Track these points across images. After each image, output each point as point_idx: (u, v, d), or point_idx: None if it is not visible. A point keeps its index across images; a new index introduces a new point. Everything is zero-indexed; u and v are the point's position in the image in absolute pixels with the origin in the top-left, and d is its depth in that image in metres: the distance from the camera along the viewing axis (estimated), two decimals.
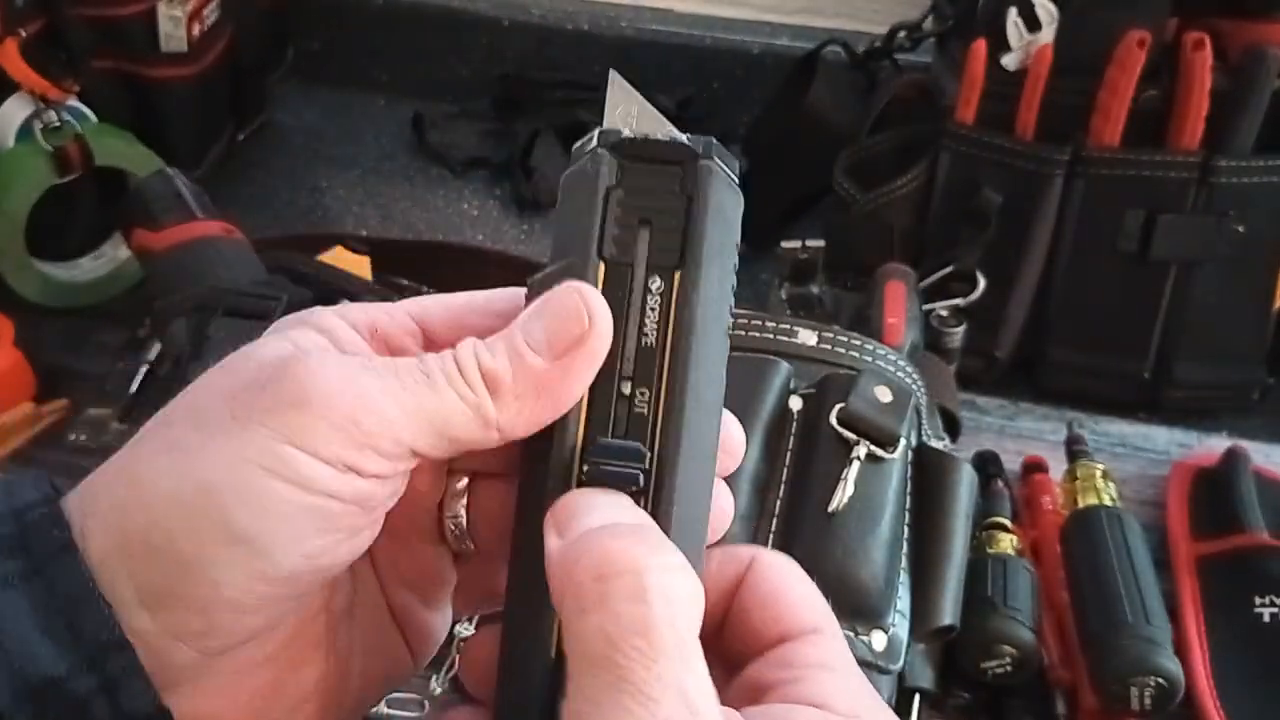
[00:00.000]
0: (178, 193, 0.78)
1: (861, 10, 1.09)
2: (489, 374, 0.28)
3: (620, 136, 0.30)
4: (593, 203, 0.29)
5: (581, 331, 0.28)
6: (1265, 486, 0.71)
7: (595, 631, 0.25)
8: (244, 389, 0.28)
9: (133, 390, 0.77)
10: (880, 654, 0.54)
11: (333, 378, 0.27)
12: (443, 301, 0.32)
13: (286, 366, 0.28)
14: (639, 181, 0.30)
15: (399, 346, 0.31)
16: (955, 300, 0.81)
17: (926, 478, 0.61)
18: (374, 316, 0.31)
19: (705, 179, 0.29)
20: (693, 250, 0.29)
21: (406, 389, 0.28)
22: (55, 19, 0.85)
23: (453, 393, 0.28)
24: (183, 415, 0.28)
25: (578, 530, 0.27)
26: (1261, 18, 0.77)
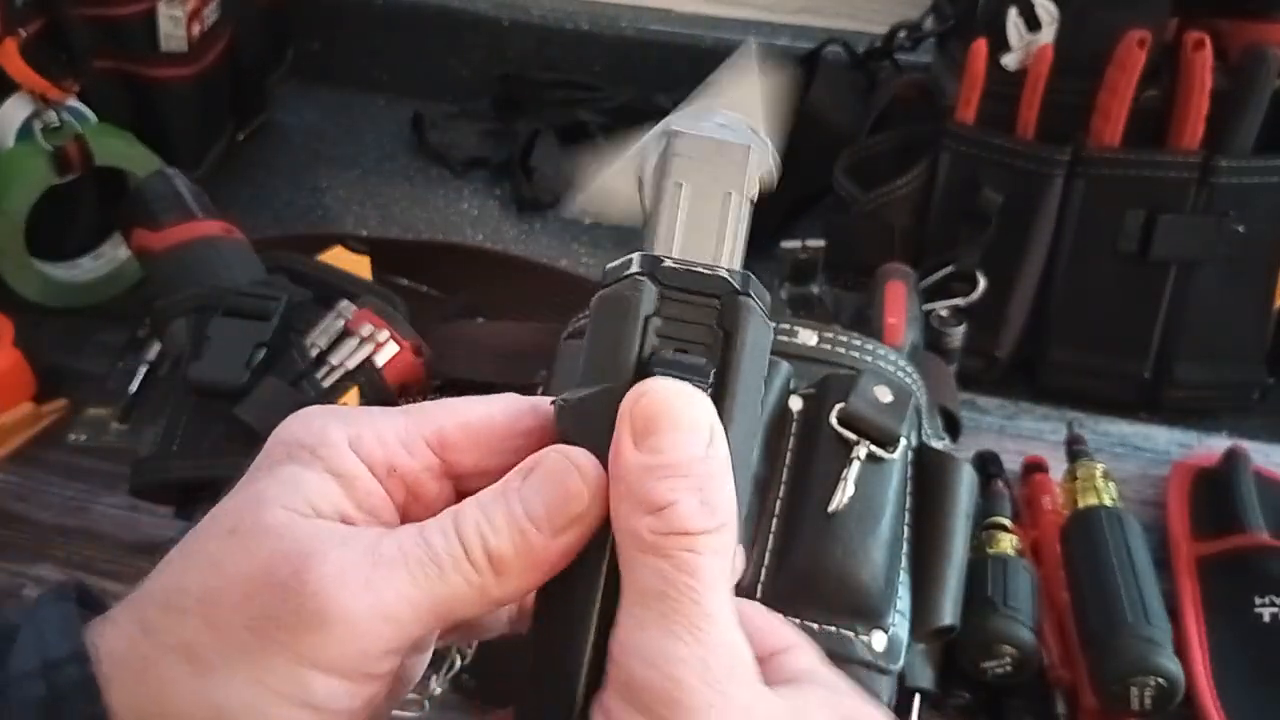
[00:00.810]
0: (178, 193, 0.78)
1: (861, 10, 1.09)
2: (494, 555, 0.29)
3: (661, 265, 0.30)
4: (631, 330, 0.29)
5: (581, 510, 0.29)
6: (1265, 486, 0.71)
7: (651, 568, 0.28)
8: (259, 589, 0.28)
9: (133, 390, 0.78)
10: (880, 654, 0.54)
11: (349, 590, 0.27)
12: (463, 423, 0.32)
13: (302, 572, 0.27)
14: (677, 311, 0.30)
15: (415, 484, 0.31)
16: (955, 300, 0.81)
17: (927, 478, 0.61)
18: (392, 456, 0.31)
19: (744, 316, 0.30)
20: (729, 387, 0.29)
21: (417, 584, 0.28)
22: (55, 19, 0.85)
23: (460, 579, 0.29)
24: (197, 606, 0.28)
25: (650, 451, 0.28)
26: (1261, 18, 0.77)
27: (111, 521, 0.71)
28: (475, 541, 0.29)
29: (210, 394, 0.67)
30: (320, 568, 0.27)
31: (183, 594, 0.28)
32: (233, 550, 0.28)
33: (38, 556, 0.69)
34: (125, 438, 0.76)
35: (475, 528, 0.29)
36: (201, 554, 0.29)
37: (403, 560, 0.28)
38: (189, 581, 0.28)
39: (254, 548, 0.28)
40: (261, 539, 0.28)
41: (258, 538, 0.28)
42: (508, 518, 0.29)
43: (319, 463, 0.30)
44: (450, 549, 0.29)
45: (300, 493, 0.29)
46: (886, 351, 0.64)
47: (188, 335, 0.70)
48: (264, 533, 0.28)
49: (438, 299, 0.88)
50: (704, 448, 0.28)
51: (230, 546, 0.28)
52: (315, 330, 0.71)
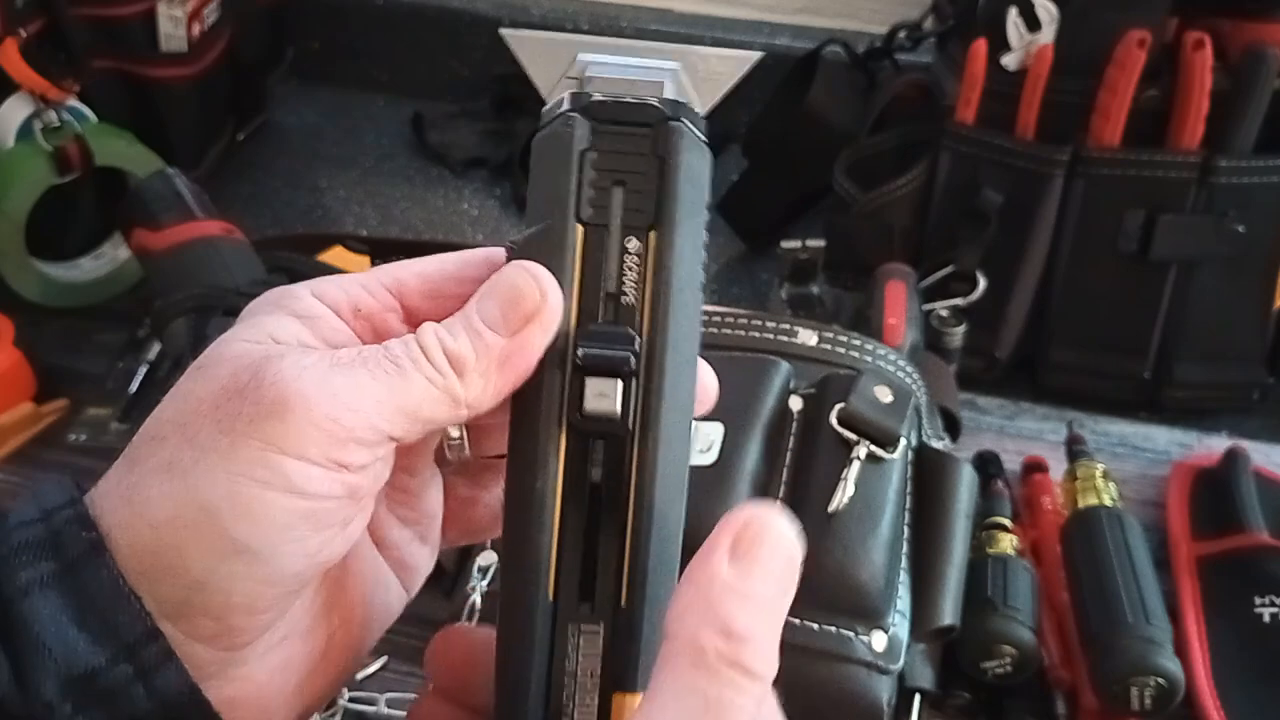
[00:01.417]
0: (178, 193, 0.78)
1: (861, 10, 1.09)
2: (453, 355, 0.30)
3: (591, 99, 0.30)
4: (568, 166, 0.30)
5: (535, 306, 0.30)
6: (1265, 486, 0.71)
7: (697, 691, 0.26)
8: (225, 397, 0.29)
9: (133, 390, 0.78)
10: (880, 654, 0.54)
11: (306, 380, 0.28)
12: (419, 272, 0.33)
13: (260, 372, 0.29)
14: (612, 144, 0.30)
15: (381, 323, 0.32)
16: (955, 300, 0.81)
17: (927, 478, 0.61)
18: (354, 295, 0.32)
19: (676, 140, 0.30)
20: (667, 210, 0.30)
21: (377, 379, 0.29)
22: (55, 19, 0.85)
23: (421, 377, 0.29)
24: (172, 430, 0.29)
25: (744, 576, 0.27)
26: (1261, 18, 0.77)
27: None
28: (433, 344, 0.30)
29: None
30: (278, 364, 0.29)
31: (160, 424, 0.30)
32: (200, 379, 0.30)
33: None
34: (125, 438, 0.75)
35: (433, 333, 0.30)
36: (176, 390, 0.30)
37: (361, 361, 0.29)
38: (165, 413, 0.30)
39: (217, 371, 0.30)
40: (222, 364, 0.30)
41: (219, 364, 0.30)
42: (464, 322, 0.30)
43: (282, 310, 0.31)
44: (409, 352, 0.29)
45: (259, 329, 0.31)
46: (886, 351, 0.64)
47: (188, 335, 0.70)
48: (224, 359, 0.30)
49: None
50: (788, 596, 0.28)
51: (198, 377, 0.30)
52: None
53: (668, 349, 0.30)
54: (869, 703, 0.53)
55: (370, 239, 0.88)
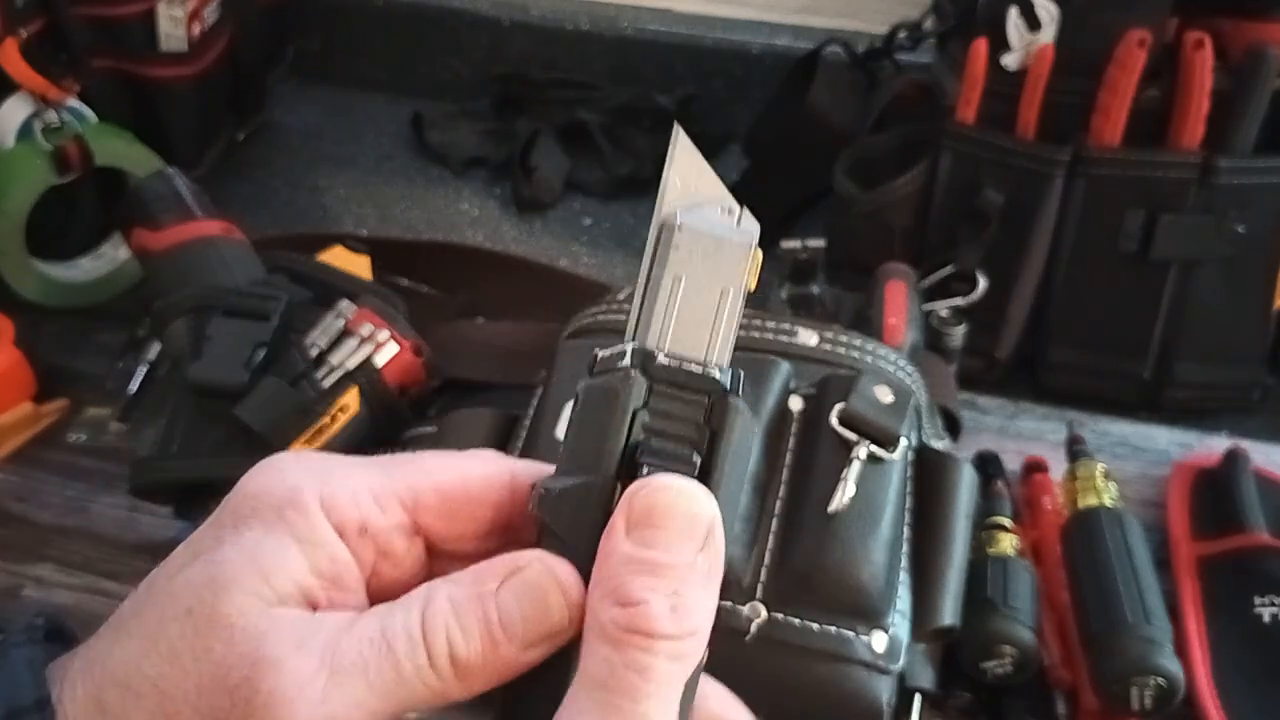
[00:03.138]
0: (178, 193, 0.78)
1: (861, 10, 1.09)
2: (460, 664, 0.28)
3: (653, 360, 0.30)
4: (620, 423, 0.29)
5: (559, 627, 0.28)
6: (1265, 486, 0.71)
7: (603, 657, 0.27)
8: (213, 688, 0.27)
9: (132, 390, 0.78)
10: (880, 654, 0.54)
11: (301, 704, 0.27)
12: (438, 488, 0.31)
13: (256, 680, 0.27)
14: (666, 406, 0.30)
15: (385, 543, 0.31)
16: (955, 300, 0.81)
17: (927, 478, 0.61)
18: (365, 513, 0.30)
19: (732, 417, 0.30)
20: (712, 486, 0.29)
21: (374, 691, 0.28)
22: (55, 19, 0.85)
23: (420, 684, 0.28)
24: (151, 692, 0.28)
25: (640, 543, 0.27)
26: (1261, 18, 0.77)
27: (111, 521, 0.71)
28: (442, 648, 0.28)
29: (210, 394, 0.67)
30: (273, 677, 0.27)
31: (139, 677, 0.28)
32: (187, 639, 0.28)
33: (38, 556, 0.69)
34: (125, 438, 0.76)
35: (444, 631, 0.28)
36: (159, 637, 0.28)
37: (361, 667, 0.28)
38: (145, 665, 0.28)
39: (209, 641, 0.28)
40: (218, 632, 0.28)
41: (214, 630, 0.28)
42: (481, 625, 0.28)
43: (283, 526, 0.29)
44: (413, 655, 0.28)
45: (259, 568, 0.29)
46: (886, 351, 0.64)
47: (188, 335, 0.70)
48: (220, 625, 0.28)
49: (438, 299, 0.88)
50: (694, 553, 0.28)
51: (185, 633, 0.28)
52: (315, 330, 0.71)
53: None
54: (869, 703, 0.53)
55: (370, 239, 0.88)
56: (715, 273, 0.31)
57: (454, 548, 0.32)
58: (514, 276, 0.91)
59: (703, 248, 0.31)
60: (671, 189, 0.31)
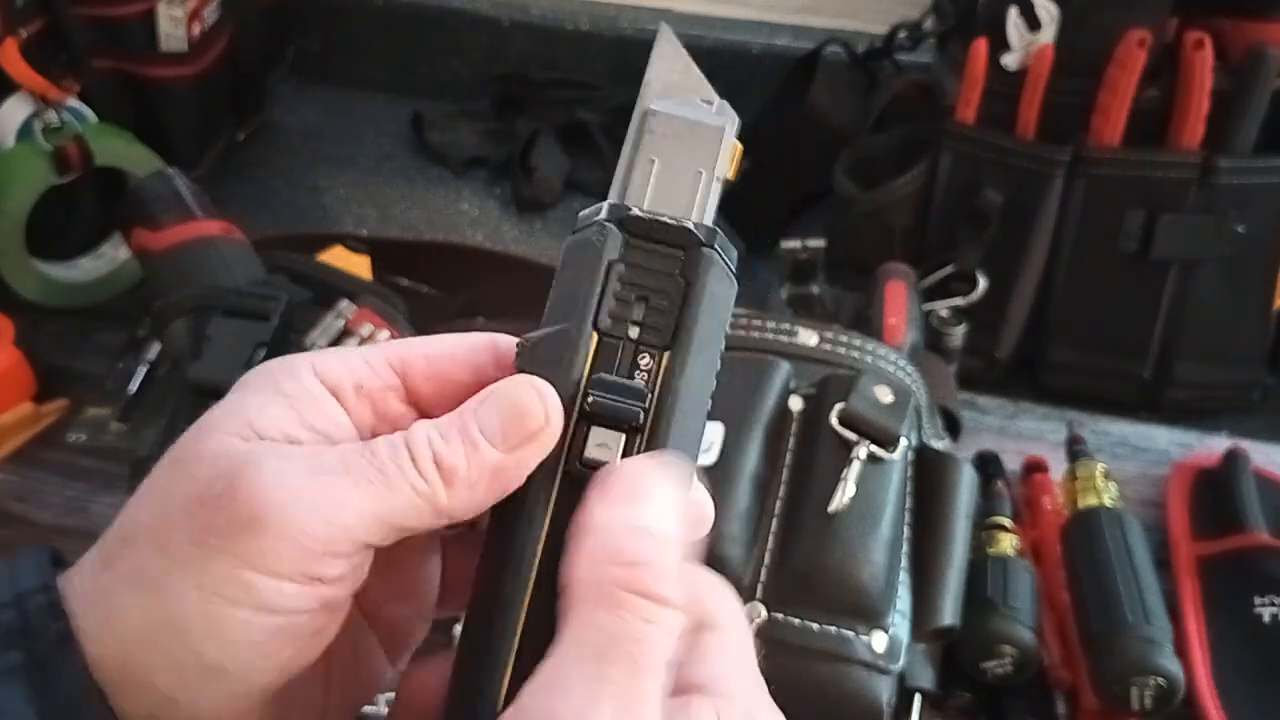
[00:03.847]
0: (177, 193, 0.78)
1: (861, 10, 1.09)
2: (443, 464, 0.28)
3: (628, 213, 0.31)
4: (594, 274, 0.30)
5: (537, 426, 0.29)
6: (1265, 486, 0.71)
7: (599, 626, 0.26)
8: (198, 504, 0.28)
9: (132, 390, 0.77)
10: (880, 654, 0.54)
11: (283, 492, 0.27)
12: (424, 352, 0.32)
13: (236, 480, 0.27)
14: (641, 259, 0.30)
15: (381, 402, 0.31)
16: (955, 300, 0.81)
17: (927, 478, 0.61)
18: (358, 372, 0.31)
19: (705, 267, 0.30)
20: (684, 335, 0.30)
21: (359, 488, 0.28)
22: (55, 19, 0.85)
23: (407, 486, 0.28)
24: (144, 532, 0.29)
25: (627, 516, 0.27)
26: (1261, 18, 0.77)
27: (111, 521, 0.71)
28: (424, 450, 0.28)
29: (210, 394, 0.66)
30: (254, 475, 0.27)
31: (134, 524, 0.29)
32: (174, 476, 0.29)
33: None
34: (125, 438, 0.76)
35: (425, 438, 0.29)
36: (151, 485, 0.29)
37: (344, 468, 0.28)
38: (139, 512, 0.29)
39: (192, 471, 0.28)
40: (199, 463, 0.28)
41: (195, 463, 0.29)
42: (461, 430, 0.29)
43: (272, 387, 0.30)
44: (397, 457, 0.28)
45: (243, 417, 0.29)
46: (886, 351, 0.64)
47: (187, 335, 0.70)
48: (201, 458, 0.29)
49: (438, 299, 0.88)
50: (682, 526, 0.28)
51: (173, 473, 0.29)
52: (315, 330, 0.71)
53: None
54: (869, 703, 0.53)
55: (370, 239, 0.88)
56: (691, 155, 0.31)
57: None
58: (514, 276, 0.91)
59: (676, 131, 0.32)
60: (652, 84, 0.32)
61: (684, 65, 0.32)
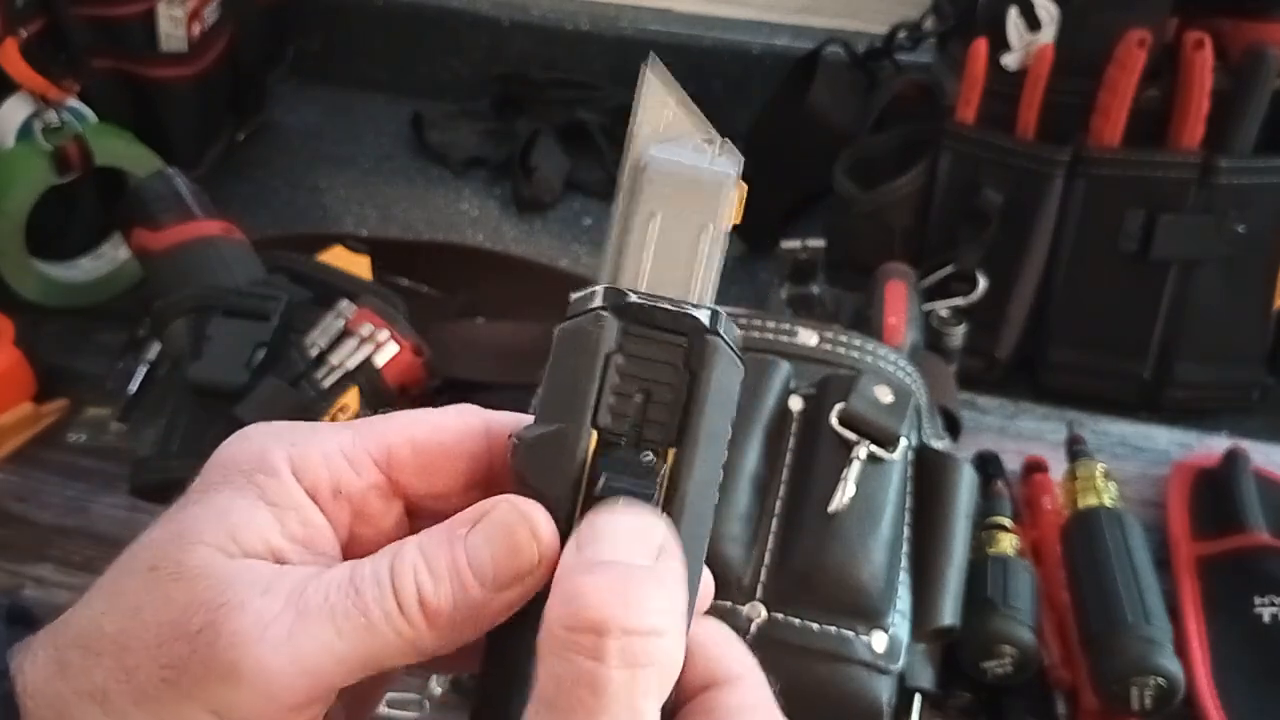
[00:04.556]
0: (177, 193, 0.78)
1: (861, 10, 1.09)
2: (429, 607, 0.27)
3: (626, 301, 0.28)
4: (591, 367, 0.28)
5: (529, 566, 0.27)
6: (1265, 486, 0.71)
7: (550, 673, 0.25)
8: (173, 636, 0.26)
9: (132, 390, 0.78)
10: (880, 654, 0.54)
11: (265, 646, 0.26)
12: (412, 441, 0.30)
13: (217, 624, 0.26)
14: (641, 349, 0.28)
15: (361, 505, 0.30)
16: (955, 300, 0.81)
17: (927, 478, 0.61)
18: (338, 474, 0.29)
19: (710, 356, 0.28)
20: (691, 431, 0.28)
21: (343, 636, 0.27)
22: (55, 19, 0.85)
23: (391, 631, 0.27)
24: (110, 648, 0.27)
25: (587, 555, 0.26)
26: (1261, 18, 0.77)
27: (111, 521, 0.71)
28: (410, 592, 0.27)
29: (210, 394, 0.67)
30: (236, 619, 0.26)
31: (99, 636, 0.27)
32: (150, 591, 0.27)
33: (38, 556, 0.69)
34: (125, 438, 0.76)
35: (412, 576, 0.27)
36: (120, 593, 0.28)
37: (328, 612, 0.27)
38: (106, 623, 0.27)
39: (171, 591, 0.27)
40: (178, 582, 0.27)
41: (175, 580, 0.27)
42: (450, 567, 0.27)
43: (253, 490, 0.28)
44: (382, 600, 0.27)
45: (226, 526, 0.28)
46: (886, 351, 0.64)
47: (188, 335, 0.70)
48: (182, 575, 0.27)
49: (438, 299, 0.88)
50: (650, 558, 0.26)
51: (148, 586, 0.27)
52: (315, 330, 0.71)
53: None
54: (869, 703, 0.53)
55: (370, 239, 0.88)
56: (692, 210, 0.29)
57: (434, 506, 0.30)
58: (514, 276, 0.91)
59: (676, 184, 0.29)
60: (642, 129, 0.29)
61: (677, 101, 0.30)
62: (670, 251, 0.29)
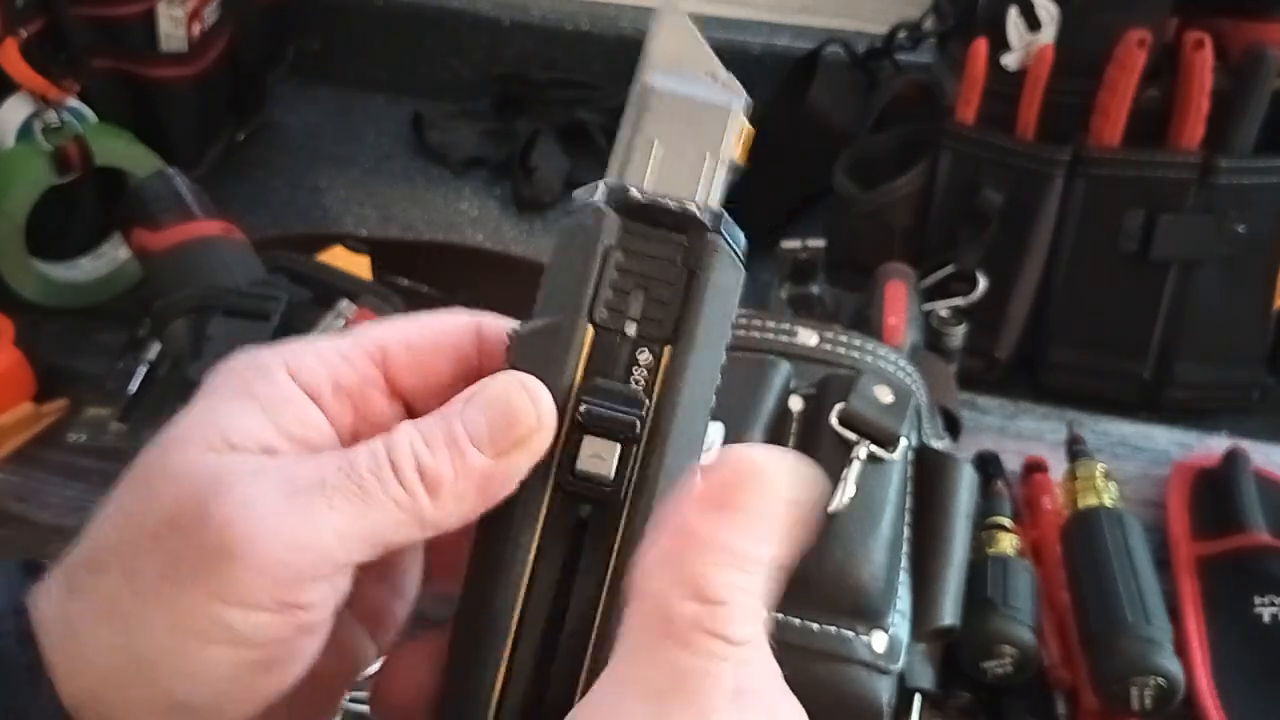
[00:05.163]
0: (178, 193, 0.78)
1: (861, 10, 1.09)
2: (429, 475, 0.27)
3: (627, 194, 0.28)
4: (589, 261, 0.28)
5: (528, 431, 0.27)
6: (1265, 486, 0.71)
7: (666, 660, 0.24)
8: (167, 529, 0.26)
9: (132, 390, 0.78)
10: (880, 654, 0.54)
11: (255, 520, 0.26)
12: (405, 340, 0.30)
13: (205, 506, 0.26)
14: (640, 245, 0.28)
15: (361, 400, 0.29)
16: (955, 300, 0.81)
17: (927, 478, 0.61)
18: (335, 370, 0.29)
19: (710, 255, 0.28)
20: (688, 328, 0.28)
21: (337, 508, 0.26)
22: (55, 19, 0.85)
23: (389, 500, 0.26)
24: (113, 559, 0.27)
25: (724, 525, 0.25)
26: (1261, 18, 0.77)
27: None
28: (408, 460, 0.27)
29: None
30: (224, 501, 0.26)
31: (102, 549, 0.27)
32: (142, 498, 0.27)
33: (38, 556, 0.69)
34: (125, 438, 0.76)
35: (408, 445, 0.27)
36: (117, 505, 0.28)
37: (320, 485, 0.26)
38: (106, 535, 0.28)
39: (161, 491, 0.27)
40: (168, 481, 0.27)
41: (165, 480, 0.27)
42: (446, 435, 0.27)
43: (245, 389, 0.28)
44: (378, 468, 0.26)
45: (215, 426, 0.27)
46: (886, 351, 0.64)
47: (187, 335, 0.70)
48: (169, 476, 0.27)
49: (438, 299, 0.88)
50: (774, 547, 0.26)
51: (140, 494, 0.27)
52: (315, 330, 0.71)
53: (661, 476, 0.27)
54: (869, 703, 0.53)
55: (370, 239, 0.88)
56: (695, 137, 0.29)
57: (432, 403, 0.29)
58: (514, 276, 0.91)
59: (679, 109, 0.29)
60: (653, 56, 0.30)
61: (689, 36, 0.30)
62: (673, 169, 0.29)
